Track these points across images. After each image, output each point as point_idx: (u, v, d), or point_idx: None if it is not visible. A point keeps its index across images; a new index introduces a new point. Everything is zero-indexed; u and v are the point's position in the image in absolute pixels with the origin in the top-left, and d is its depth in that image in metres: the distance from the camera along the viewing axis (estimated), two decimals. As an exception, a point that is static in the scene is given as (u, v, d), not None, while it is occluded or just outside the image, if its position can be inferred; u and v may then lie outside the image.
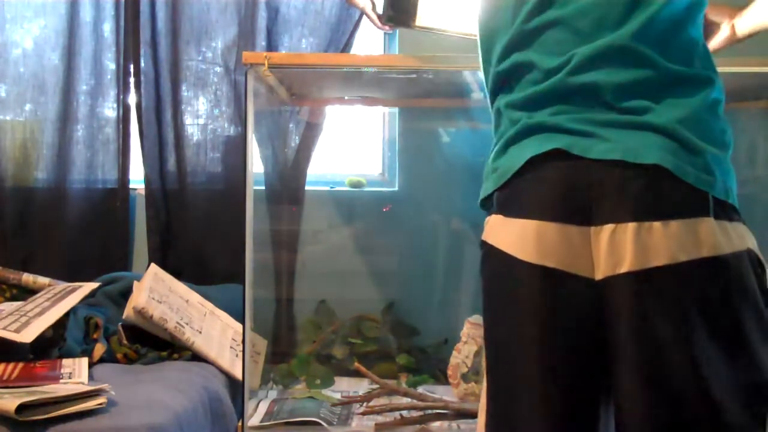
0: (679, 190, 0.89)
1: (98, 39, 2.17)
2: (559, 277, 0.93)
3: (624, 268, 0.89)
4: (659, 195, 0.89)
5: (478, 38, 1.10)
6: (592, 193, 0.91)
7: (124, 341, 1.69)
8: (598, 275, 0.92)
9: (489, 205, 1.05)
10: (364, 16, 1.64)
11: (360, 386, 1.90)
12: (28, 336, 1.45)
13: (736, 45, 1.30)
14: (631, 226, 0.89)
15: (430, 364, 2.03)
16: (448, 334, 2.05)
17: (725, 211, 0.91)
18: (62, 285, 1.81)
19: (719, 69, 0.99)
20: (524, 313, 0.96)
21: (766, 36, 1.25)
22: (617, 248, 0.89)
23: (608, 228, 0.90)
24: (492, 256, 1.01)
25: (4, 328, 1.47)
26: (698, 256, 0.88)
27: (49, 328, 1.52)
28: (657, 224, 0.88)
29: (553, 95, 0.97)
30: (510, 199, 1.00)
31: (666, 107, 0.92)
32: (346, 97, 2.13)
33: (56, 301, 1.63)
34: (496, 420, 1.00)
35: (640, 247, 0.88)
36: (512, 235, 0.98)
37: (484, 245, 1.03)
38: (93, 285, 1.81)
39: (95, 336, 1.67)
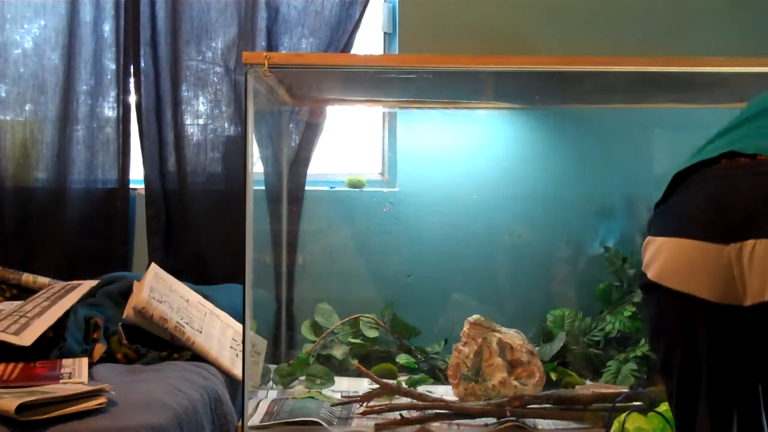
0: None
1: (98, 39, 2.17)
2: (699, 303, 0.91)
3: None
4: None
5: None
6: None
7: (124, 341, 1.69)
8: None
9: None
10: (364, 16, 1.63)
11: (360, 386, 1.90)
12: (27, 339, 1.45)
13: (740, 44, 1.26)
14: None
15: (430, 364, 2.04)
16: (448, 334, 2.05)
17: None
18: (61, 284, 1.81)
19: (720, 69, 0.98)
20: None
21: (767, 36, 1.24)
22: None
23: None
24: None
25: (3, 331, 1.47)
26: None
27: (49, 328, 1.52)
28: None
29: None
30: (657, 216, 1.00)
31: None
32: (346, 97, 2.13)
33: (55, 301, 1.63)
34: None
35: None
36: (649, 254, 0.98)
37: None
38: (92, 283, 1.80)
39: (95, 336, 1.67)
